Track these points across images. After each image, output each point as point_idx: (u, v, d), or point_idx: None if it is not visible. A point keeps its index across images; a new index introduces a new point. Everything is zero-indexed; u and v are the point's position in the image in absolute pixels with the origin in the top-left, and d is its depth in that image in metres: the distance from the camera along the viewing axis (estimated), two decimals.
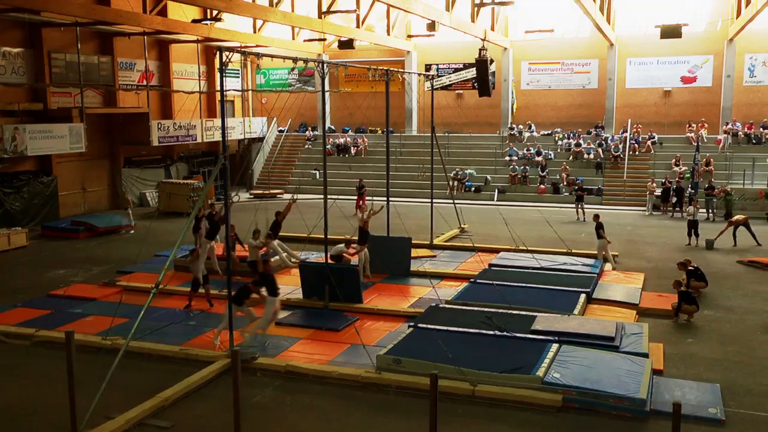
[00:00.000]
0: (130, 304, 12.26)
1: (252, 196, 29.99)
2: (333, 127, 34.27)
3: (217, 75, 12.84)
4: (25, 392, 9.55)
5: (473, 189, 28.97)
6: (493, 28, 28.05)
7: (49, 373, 9.89)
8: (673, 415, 6.25)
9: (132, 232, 21.80)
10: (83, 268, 16.84)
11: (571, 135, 30.42)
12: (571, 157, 29.45)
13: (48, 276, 16.25)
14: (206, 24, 26.40)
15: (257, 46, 27.82)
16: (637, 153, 28.75)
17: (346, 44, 27.65)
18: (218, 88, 10.62)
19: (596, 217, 16.85)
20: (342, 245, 14.78)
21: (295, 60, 12.58)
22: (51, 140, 22.10)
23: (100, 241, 20.44)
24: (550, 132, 31.28)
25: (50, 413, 8.69)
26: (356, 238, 15.23)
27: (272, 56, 12.41)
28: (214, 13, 26.69)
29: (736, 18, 26.56)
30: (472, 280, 14.59)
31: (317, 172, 30.89)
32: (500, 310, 12.05)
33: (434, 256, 17.44)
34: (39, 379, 9.95)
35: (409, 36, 32.37)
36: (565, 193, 27.30)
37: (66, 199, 24.26)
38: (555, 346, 10.18)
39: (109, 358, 9.09)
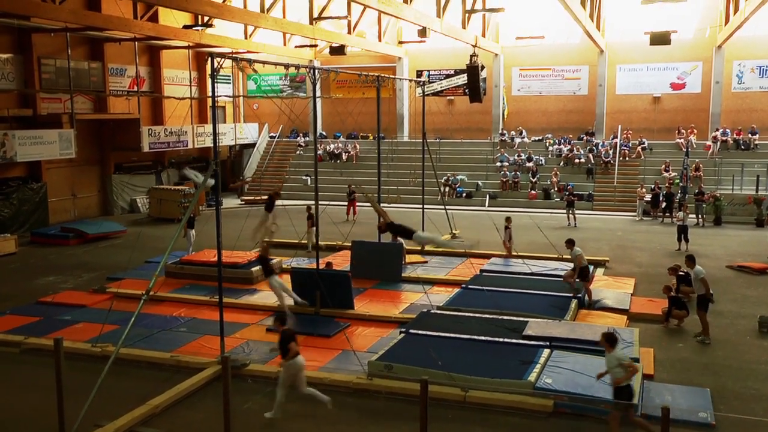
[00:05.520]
0: (121, 310, 12.22)
1: (243, 202, 29.95)
2: (324, 133, 34.27)
3: (209, 81, 12.82)
4: (13, 400, 9.46)
5: (464, 195, 29.03)
6: (484, 35, 28.16)
7: (37, 381, 9.82)
8: (662, 420, 6.28)
9: None
10: (73, 275, 16.76)
11: (562, 141, 30.56)
12: (561, 163, 29.59)
13: (37, 283, 16.13)
14: (197, 30, 26.35)
15: (248, 52, 27.82)
16: (627, 159, 28.91)
17: (338, 50, 27.69)
18: (209, 94, 10.60)
19: (308, 207, 17.77)
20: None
21: (286, 66, 12.59)
22: (41, 146, 21.96)
23: (90, 248, 20.32)
24: (540, 138, 31.41)
25: (39, 421, 8.62)
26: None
27: (264, 62, 12.40)
28: (206, 19, 26.63)
29: (725, 25, 26.80)
30: (463, 285, 14.60)
31: (308, 178, 30.87)
32: (492, 316, 12.07)
33: (426, 262, 17.44)
34: (27, 387, 9.88)
35: (401, 42, 32.45)
36: (556, 199, 27.38)
37: (56, 206, 24.11)
38: (546, 351, 10.20)
39: (99, 366, 9.04)
